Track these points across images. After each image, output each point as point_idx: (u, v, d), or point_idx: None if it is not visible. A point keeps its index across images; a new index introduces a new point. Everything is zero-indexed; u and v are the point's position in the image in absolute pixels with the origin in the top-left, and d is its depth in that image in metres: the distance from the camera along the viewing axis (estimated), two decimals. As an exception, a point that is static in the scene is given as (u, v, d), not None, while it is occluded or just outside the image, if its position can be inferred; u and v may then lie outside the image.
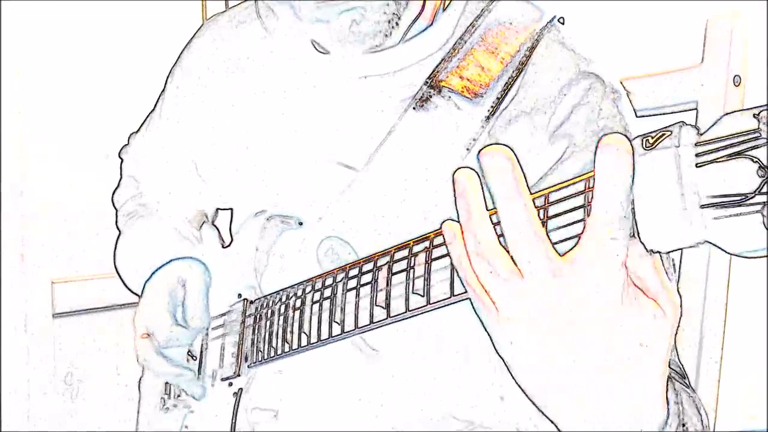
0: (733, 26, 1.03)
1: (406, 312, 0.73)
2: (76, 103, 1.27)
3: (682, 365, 0.85)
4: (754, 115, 0.53)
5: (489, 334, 0.64)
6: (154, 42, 1.23)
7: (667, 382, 0.66)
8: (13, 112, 1.26)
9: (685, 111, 1.06)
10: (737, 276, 1.05)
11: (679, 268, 1.06)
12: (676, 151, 0.56)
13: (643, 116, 0.93)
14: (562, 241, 0.62)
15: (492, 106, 0.85)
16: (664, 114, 1.06)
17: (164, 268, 0.98)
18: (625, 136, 0.59)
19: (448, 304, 0.70)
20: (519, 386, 0.64)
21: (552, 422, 0.65)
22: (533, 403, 0.64)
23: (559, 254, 0.61)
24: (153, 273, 0.98)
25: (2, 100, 1.25)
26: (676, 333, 0.64)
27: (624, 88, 0.88)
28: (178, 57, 1.03)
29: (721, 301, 1.05)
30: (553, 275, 0.60)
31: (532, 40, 0.87)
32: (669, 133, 0.57)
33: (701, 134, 0.56)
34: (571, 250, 0.60)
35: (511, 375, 0.65)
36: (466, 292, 0.65)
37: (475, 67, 0.87)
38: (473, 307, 0.65)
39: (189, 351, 0.98)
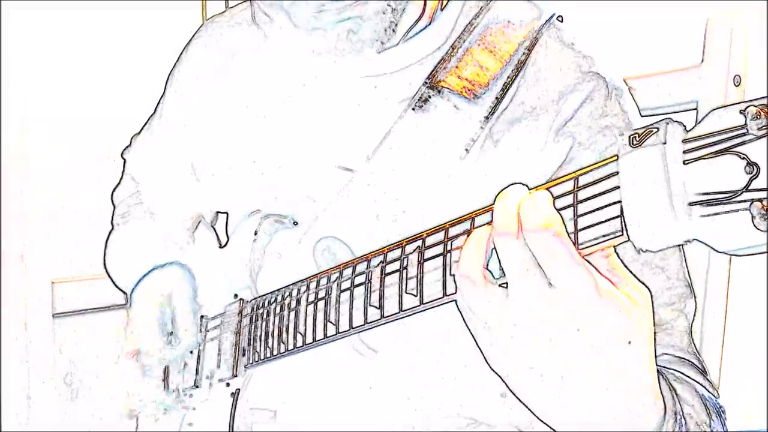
0: (733, 26, 1.02)
1: (399, 312, 0.73)
2: (76, 104, 1.27)
3: (697, 351, 0.85)
4: (740, 111, 0.53)
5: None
6: (155, 42, 1.23)
7: (660, 378, 0.67)
8: (14, 113, 1.26)
9: (685, 111, 1.06)
10: (737, 276, 1.05)
11: (679, 269, 1.05)
12: (662, 148, 0.56)
13: (643, 116, 0.93)
14: None
15: (491, 106, 0.85)
16: (664, 114, 1.06)
17: (148, 279, 0.98)
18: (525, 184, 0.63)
19: (440, 304, 0.70)
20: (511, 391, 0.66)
21: (548, 425, 0.66)
22: (528, 408, 0.66)
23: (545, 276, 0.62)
24: (138, 282, 0.98)
25: (2, 100, 1.25)
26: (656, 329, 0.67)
27: (626, 83, 0.88)
28: (177, 59, 1.03)
29: (721, 301, 1.05)
30: (538, 293, 0.62)
31: (531, 38, 0.87)
32: (656, 130, 0.57)
33: (688, 131, 0.55)
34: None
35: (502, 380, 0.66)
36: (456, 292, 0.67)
37: (474, 67, 0.86)
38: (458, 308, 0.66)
39: None
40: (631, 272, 0.64)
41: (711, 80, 1.04)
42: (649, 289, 0.65)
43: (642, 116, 0.88)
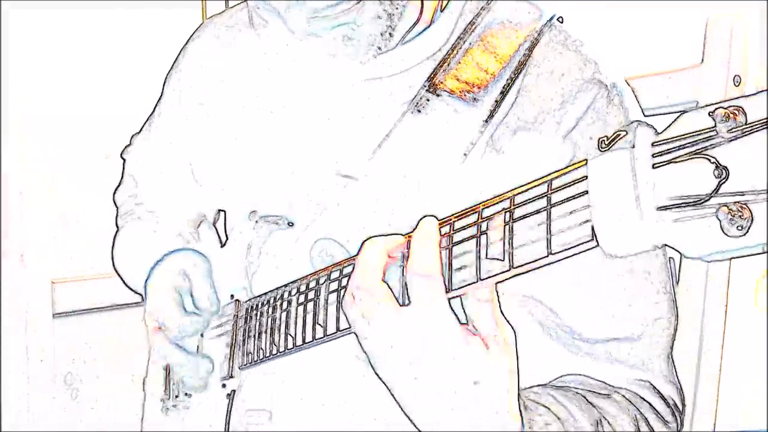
0: (733, 26, 1.02)
1: None
2: (76, 104, 1.27)
3: (676, 374, 0.86)
4: (709, 113, 0.51)
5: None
6: (155, 43, 1.23)
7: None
8: (13, 112, 1.26)
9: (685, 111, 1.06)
10: (737, 276, 1.05)
11: (679, 270, 1.05)
12: (631, 151, 0.55)
13: (646, 116, 0.93)
14: (527, 244, 0.61)
15: (490, 110, 0.84)
16: (664, 114, 1.06)
17: (163, 264, 0.97)
18: (434, 216, 0.68)
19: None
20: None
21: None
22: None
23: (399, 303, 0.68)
24: (151, 270, 0.98)
25: (2, 100, 1.26)
26: (517, 366, 0.70)
27: (629, 85, 0.87)
28: (175, 59, 1.03)
29: (721, 301, 1.05)
30: (395, 316, 0.67)
31: (532, 39, 0.86)
32: (624, 133, 0.56)
33: (658, 134, 0.54)
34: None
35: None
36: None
37: (474, 68, 0.86)
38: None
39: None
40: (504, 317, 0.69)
41: (711, 80, 1.04)
42: (515, 331, 0.69)
43: (645, 116, 0.88)
